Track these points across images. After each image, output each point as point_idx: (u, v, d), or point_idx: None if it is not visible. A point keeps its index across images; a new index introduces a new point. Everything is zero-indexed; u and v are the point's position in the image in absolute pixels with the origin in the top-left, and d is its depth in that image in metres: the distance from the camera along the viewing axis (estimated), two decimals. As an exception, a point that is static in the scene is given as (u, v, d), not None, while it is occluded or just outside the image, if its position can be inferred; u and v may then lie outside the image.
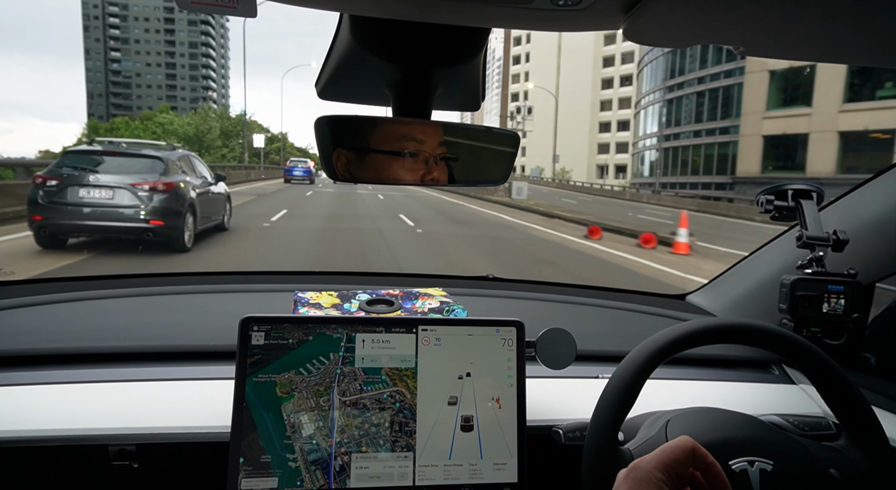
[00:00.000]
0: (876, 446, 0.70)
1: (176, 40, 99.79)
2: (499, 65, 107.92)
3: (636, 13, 0.46)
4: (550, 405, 0.93)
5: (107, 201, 6.15)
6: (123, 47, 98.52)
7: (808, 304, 0.99)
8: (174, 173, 6.61)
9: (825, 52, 0.56)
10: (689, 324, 0.72)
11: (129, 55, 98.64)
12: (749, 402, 1.00)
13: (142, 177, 6.31)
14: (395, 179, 0.63)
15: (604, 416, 0.68)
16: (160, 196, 6.27)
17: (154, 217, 6.23)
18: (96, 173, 6.22)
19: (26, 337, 0.97)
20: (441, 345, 0.80)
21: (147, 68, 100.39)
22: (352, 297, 1.01)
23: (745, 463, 0.67)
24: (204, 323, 1.09)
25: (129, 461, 0.80)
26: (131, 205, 6.20)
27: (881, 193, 1.03)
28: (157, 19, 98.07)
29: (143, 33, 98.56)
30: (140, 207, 6.21)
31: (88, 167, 6.30)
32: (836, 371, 0.71)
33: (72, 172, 6.21)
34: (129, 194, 6.18)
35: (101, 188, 6.14)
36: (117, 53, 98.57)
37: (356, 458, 0.75)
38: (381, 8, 0.51)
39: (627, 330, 1.26)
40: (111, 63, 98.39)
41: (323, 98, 0.73)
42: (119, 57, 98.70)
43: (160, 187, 6.29)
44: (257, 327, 0.76)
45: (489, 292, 1.38)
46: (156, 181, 6.31)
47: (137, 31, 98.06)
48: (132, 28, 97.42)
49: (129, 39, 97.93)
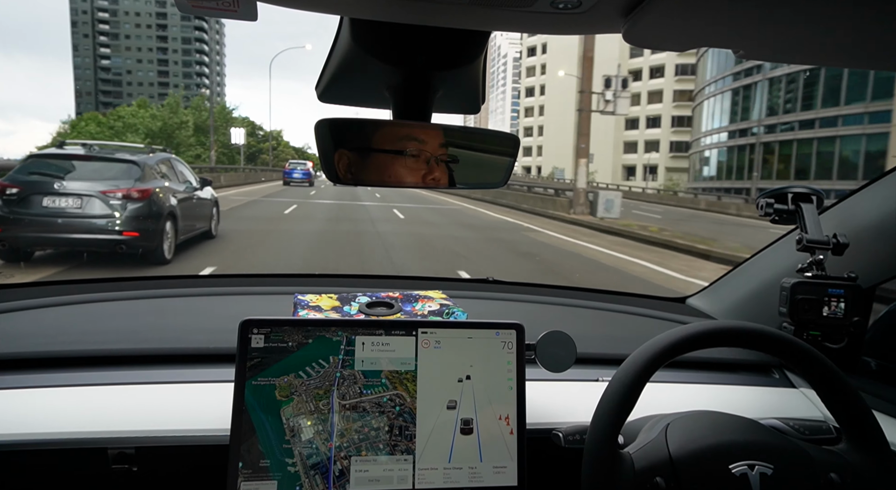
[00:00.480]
0: (876, 450, 0.71)
1: (168, 36, 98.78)
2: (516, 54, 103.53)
3: (636, 17, 0.47)
4: (550, 408, 0.94)
5: (75, 211, 5.60)
6: (113, 43, 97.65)
7: (809, 307, 1.00)
8: (151, 179, 6.12)
9: (825, 55, 0.57)
10: (689, 327, 0.73)
11: (119, 51, 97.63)
12: (749, 405, 1.01)
13: (114, 183, 5.77)
14: (397, 180, 0.64)
15: (604, 420, 0.69)
16: (135, 204, 5.76)
17: (128, 228, 5.71)
18: (63, 180, 5.66)
19: (26, 340, 0.98)
20: (441, 347, 0.81)
21: (138, 65, 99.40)
22: (351, 299, 1.02)
23: (746, 467, 0.68)
24: (203, 326, 1.10)
25: (129, 464, 0.81)
26: (102, 215, 5.65)
27: (881, 197, 1.04)
28: (149, 13, 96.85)
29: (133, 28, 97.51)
30: (112, 217, 5.67)
31: (54, 173, 5.75)
32: (836, 375, 0.72)
33: (36, 179, 5.67)
34: (99, 203, 5.65)
35: (68, 197, 5.58)
36: (107, 50, 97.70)
37: (355, 462, 0.76)
38: (381, 11, 0.52)
39: (627, 333, 1.27)
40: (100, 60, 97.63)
41: (323, 101, 0.74)
42: (109, 53, 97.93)
43: (135, 195, 5.79)
44: (257, 330, 0.77)
45: (489, 295, 1.39)
46: (130, 188, 5.78)
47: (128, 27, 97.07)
48: (122, 23, 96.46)
49: (120, 35, 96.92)
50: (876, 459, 0.71)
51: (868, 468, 0.70)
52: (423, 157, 0.64)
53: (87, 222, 5.67)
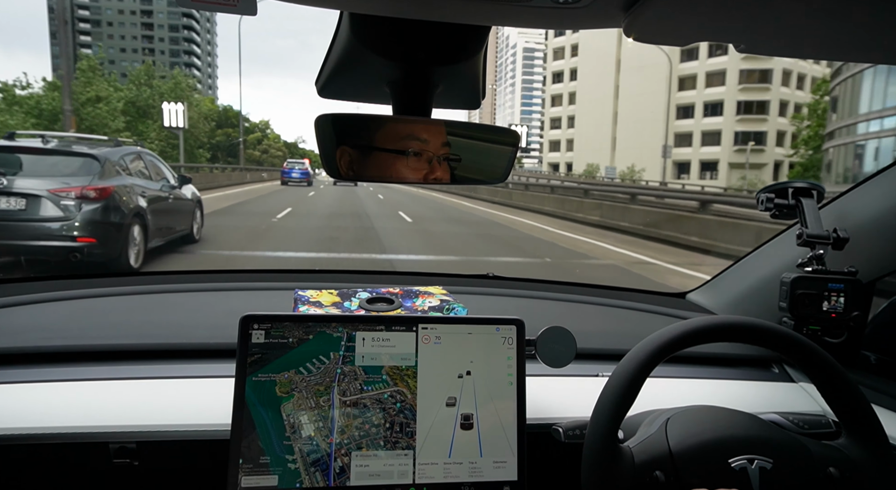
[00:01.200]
0: (876, 444, 0.73)
1: (154, 23, 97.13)
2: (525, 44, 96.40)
3: (636, 11, 0.48)
4: (550, 403, 0.96)
5: (18, 213, 4.87)
6: (94, 30, 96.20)
7: (809, 302, 1.02)
8: (112, 175, 5.39)
9: (826, 49, 0.58)
10: (689, 322, 0.74)
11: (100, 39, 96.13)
12: (749, 400, 1.04)
13: (67, 181, 5.04)
14: (399, 178, 0.66)
15: (604, 414, 0.70)
16: (91, 205, 5.02)
17: (83, 233, 4.97)
18: (5, 177, 4.92)
19: (27, 334, 1.00)
20: (441, 343, 0.82)
21: (122, 55, 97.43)
22: (352, 295, 1.04)
23: (745, 461, 0.70)
24: (204, 321, 1.11)
25: (130, 459, 0.83)
26: (52, 217, 4.91)
27: (882, 191, 1.06)
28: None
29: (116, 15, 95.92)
30: (64, 221, 4.93)
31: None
32: (835, 369, 0.74)
33: (-26, 176, 4.83)
34: (49, 204, 4.92)
35: (10, 197, 4.86)
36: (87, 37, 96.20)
37: (356, 456, 0.77)
38: (381, 6, 0.53)
39: (627, 328, 1.29)
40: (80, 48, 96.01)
41: (323, 96, 0.75)
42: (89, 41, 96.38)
43: (91, 194, 5.04)
44: (257, 325, 0.78)
45: (489, 290, 1.41)
46: (85, 186, 5.03)
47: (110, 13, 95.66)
48: (104, 9, 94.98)
49: (101, 22, 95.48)
50: (875, 454, 0.72)
51: (867, 463, 0.72)
52: (425, 156, 0.65)
53: (33, 226, 4.92)
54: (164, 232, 6.46)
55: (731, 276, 1.38)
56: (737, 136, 43.22)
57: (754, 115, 42.56)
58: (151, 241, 5.99)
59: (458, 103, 0.78)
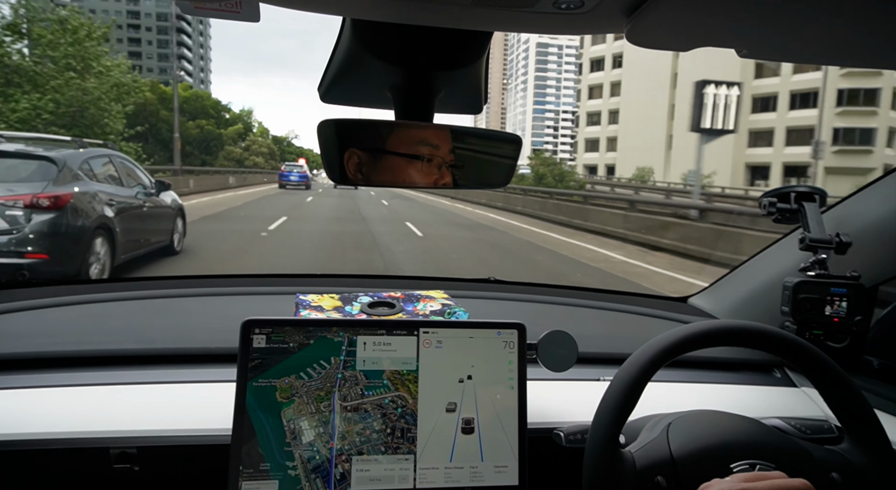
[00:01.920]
0: (878, 449, 0.73)
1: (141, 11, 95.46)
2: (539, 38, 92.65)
3: (638, 16, 0.49)
4: (552, 408, 0.97)
5: None
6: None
7: (811, 306, 1.04)
8: (71, 181, 4.80)
9: (828, 54, 0.59)
10: (691, 326, 0.75)
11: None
12: (751, 404, 1.05)
13: (13, 188, 4.45)
14: (409, 182, 0.67)
15: (605, 419, 0.71)
16: (44, 216, 4.44)
17: (34, 248, 4.39)
18: None
19: (28, 340, 1.01)
20: (442, 347, 0.84)
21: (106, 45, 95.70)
22: (353, 299, 1.05)
23: (747, 466, 0.71)
24: (205, 326, 1.13)
25: (131, 464, 0.84)
26: None
27: (884, 196, 1.07)
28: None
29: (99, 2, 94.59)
30: (10, 234, 4.33)
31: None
32: (838, 374, 0.74)
33: None
34: None
35: None
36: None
37: (356, 461, 0.78)
38: (383, 12, 0.54)
39: (629, 332, 1.31)
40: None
41: (325, 101, 0.77)
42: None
43: (44, 203, 4.46)
44: (259, 330, 0.79)
45: (490, 295, 1.42)
46: (36, 194, 4.45)
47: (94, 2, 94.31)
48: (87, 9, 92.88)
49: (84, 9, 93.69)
50: (878, 459, 0.73)
51: (870, 468, 0.73)
52: (436, 160, 0.67)
53: None
54: (136, 244, 5.91)
55: (733, 280, 1.39)
56: (836, 134, 32.41)
57: (860, 106, 31.98)
58: (122, 254, 5.41)
59: (460, 108, 0.80)
